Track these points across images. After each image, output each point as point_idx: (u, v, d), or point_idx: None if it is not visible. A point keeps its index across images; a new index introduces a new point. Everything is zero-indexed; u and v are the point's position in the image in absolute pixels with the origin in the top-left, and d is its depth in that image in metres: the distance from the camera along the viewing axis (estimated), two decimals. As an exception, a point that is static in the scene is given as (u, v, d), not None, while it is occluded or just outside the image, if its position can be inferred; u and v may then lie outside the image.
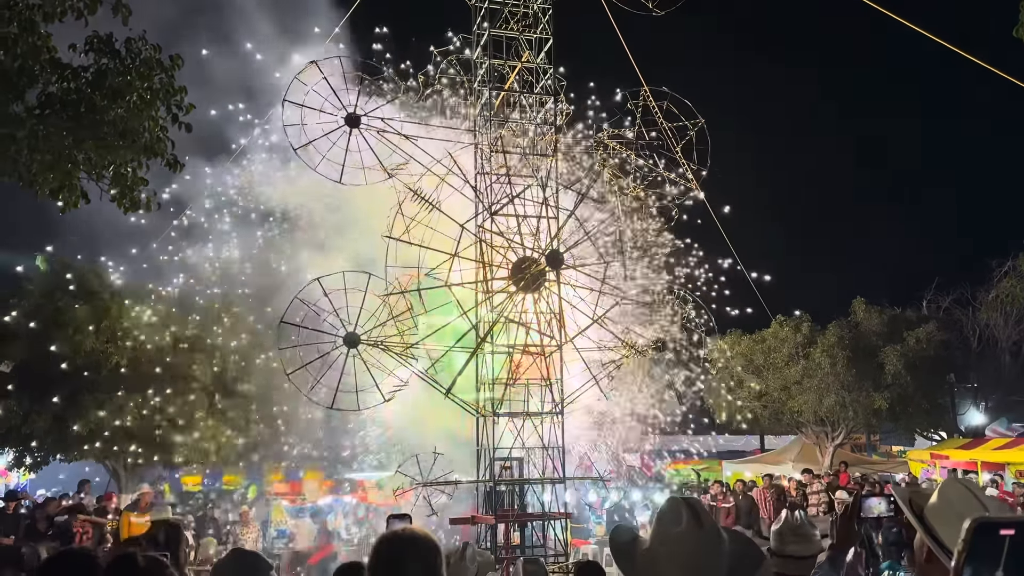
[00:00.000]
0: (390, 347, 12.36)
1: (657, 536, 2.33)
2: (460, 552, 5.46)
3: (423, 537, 2.50)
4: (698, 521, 2.29)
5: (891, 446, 29.07)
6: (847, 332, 23.46)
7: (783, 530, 3.76)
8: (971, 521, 1.00)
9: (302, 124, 12.07)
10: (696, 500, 2.48)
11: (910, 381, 22.37)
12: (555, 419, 12.77)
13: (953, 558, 1.02)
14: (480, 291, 12.59)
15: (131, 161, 5.28)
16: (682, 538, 2.26)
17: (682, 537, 2.26)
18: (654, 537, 2.35)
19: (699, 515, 2.32)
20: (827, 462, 23.06)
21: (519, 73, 14.12)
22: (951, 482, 2.76)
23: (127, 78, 5.04)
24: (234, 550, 3.91)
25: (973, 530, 0.99)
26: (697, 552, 2.25)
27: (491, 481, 12.41)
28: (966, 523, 1.06)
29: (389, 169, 12.28)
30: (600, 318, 12.74)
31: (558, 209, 12.91)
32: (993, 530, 0.99)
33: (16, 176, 5.10)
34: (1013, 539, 0.98)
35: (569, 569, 11.77)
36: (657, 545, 2.30)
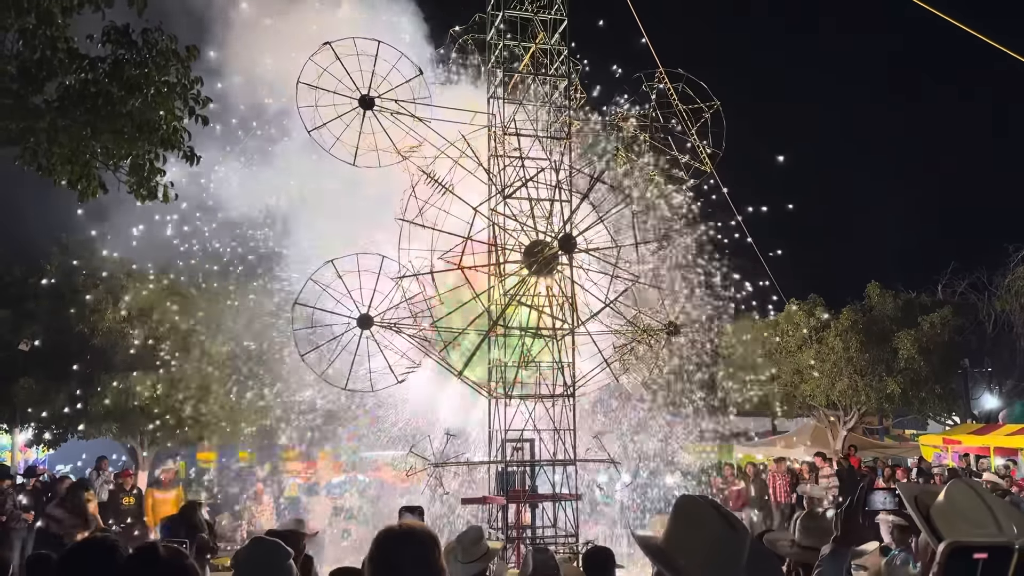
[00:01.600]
0: (403, 329, 12.45)
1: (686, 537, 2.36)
2: (464, 534, 5.56)
3: (420, 531, 2.56)
4: (730, 525, 2.33)
5: (904, 430, 29.05)
6: (861, 316, 23.38)
7: (804, 524, 3.81)
8: (945, 545, 1.03)
9: (316, 106, 12.08)
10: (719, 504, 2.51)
11: (924, 366, 22.31)
12: (566, 402, 12.85)
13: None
14: (493, 274, 12.63)
15: (148, 153, 5.35)
16: (716, 542, 2.29)
17: (716, 541, 2.30)
18: (683, 538, 2.37)
19: (729, 518, 2.36)
20: (839, 445, 23.09)
21: (533, 55, 14.05)
22: (958, 484, 2.77)
23: (144, 70, 5.09)
24: (254, 538, 3.99)
25: (948, 553, 1.03)
26: (733, 554, 2.30)
27: (502, 462, 12.52)
28: (941, 546, 1.09)
29: (402, 151, 12.29)
30: (612, 302, 12.77)
31: (571, 192, 12.90)
32: (967, 554, 1.03)
33: (36, 165, 5.18)
34: (986, 562, 1.02)
35: (578, 550, 11.90)
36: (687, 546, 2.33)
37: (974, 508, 2.59)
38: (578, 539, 12.48)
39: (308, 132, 12.35)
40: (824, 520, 3.81)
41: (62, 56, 4.94)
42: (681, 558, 2.31)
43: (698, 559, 2.28)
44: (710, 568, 2.25)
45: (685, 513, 2.42)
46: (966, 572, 0.98)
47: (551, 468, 12.80)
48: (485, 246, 12.52)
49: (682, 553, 2.31)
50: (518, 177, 12.65)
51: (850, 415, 23.81)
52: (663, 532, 2.46)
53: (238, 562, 3.69)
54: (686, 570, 2.26)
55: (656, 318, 13.93)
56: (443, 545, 3.51)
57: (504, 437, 12.52)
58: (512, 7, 13.74)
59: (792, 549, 3.72)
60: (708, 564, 2.27)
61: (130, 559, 2.65)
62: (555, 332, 12.55)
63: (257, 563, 3.68)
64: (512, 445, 12.57)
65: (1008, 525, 2.48)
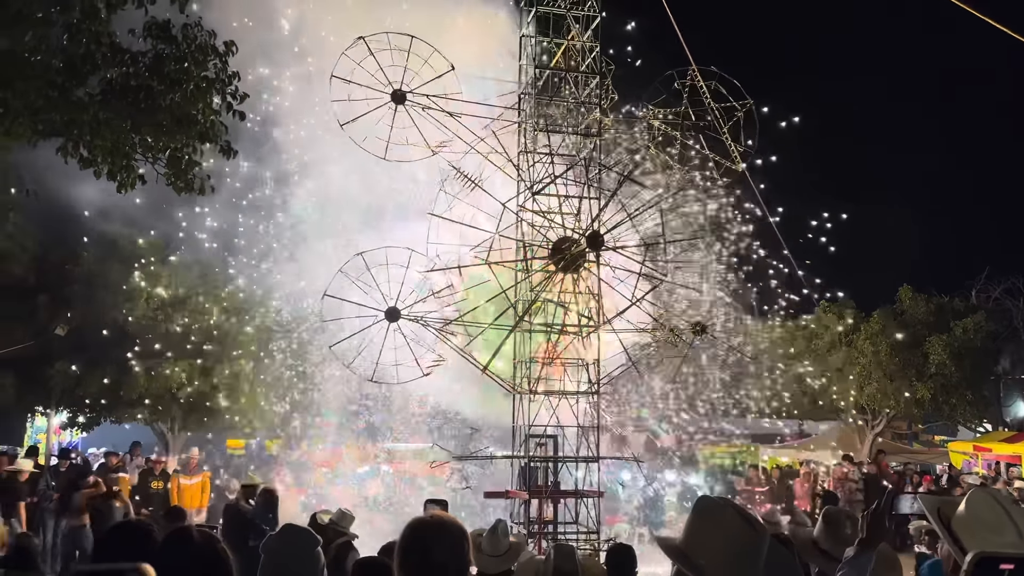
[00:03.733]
0: (429, 323, 12.54)
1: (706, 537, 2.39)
2: (493, 528, 5.62)
3: (450, 523, 2.61)
4: (750, 525, 2.36)
5: (933, 436, 28.64)
6: (892, 320, 23.08)
7: (828, 530, 3.80)
8: (973, 555, 1.06)
9: (349, 100, 12.19)
10: (738, 504, 2.53)
11: (955, 371, 21.97)
12: (590, 398, 12.87)
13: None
14: (520, 270, 12.67)
15: (186, 146, 5.47)
16: (736, 542, 2.32)
17: (736, 541, 2.32)
18: (702, 538, 2.40)
19: (748, 518, 2.39)
20: (866, 450, 22.84)
21: (566, 52, 14.03)
22: (978, 493, 2.77)
23: (183, 65, 5.21)
24: (285, 525, 4.08)
25: (975, 563, 1.06)
26: (753, 555, 2.32)
27: (525, 457, 12.57)
28: (968, 556, 1.11)
29: (433, 146, 12.37)
30: (639, 300, 12.75)
31: (600, 190, 12.89)
32: (994, 564, 1.06)
33: (78, 157, 5.33)
34: (1013, 573, 1.05)
35: (600, 546, 11.93)
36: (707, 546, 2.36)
37: (995, 517, 2.58)
38: (600, 535, 12.51)
39: (341, 126, 12.48)
40: (846, 524, 3.81)
41: (105, 51, 5.07)
42: (701, 558, 2.34)
43: (718, 559, 2.30)
44: (730, 568, 2.28)
45: (705, 514, 2.44)
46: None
47: (574, 464, 12.84)
48: (513, 242, 12.56)
49: (702, 553, 2.34)
50: (547, 173, 12.68)
51: (879, 419, 23.53)
52: (683, 532, 2.49)
53: (268, 548, 3.77)
54: (706, 570, 2.29)
55: (683, 317, 13.89)
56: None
57: (527, 433, 12.57)
58: (545, 3, 13.73)
59: (812, 550, 3.73)
60: (728, 564, 2.29)
61: (165, 542, 2.73)
62: (580, 329, 12.56)
63: (286, 550, 3.75)
64: (535, 441, 12.63)
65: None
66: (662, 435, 19.41)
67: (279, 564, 3.72)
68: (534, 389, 12.57)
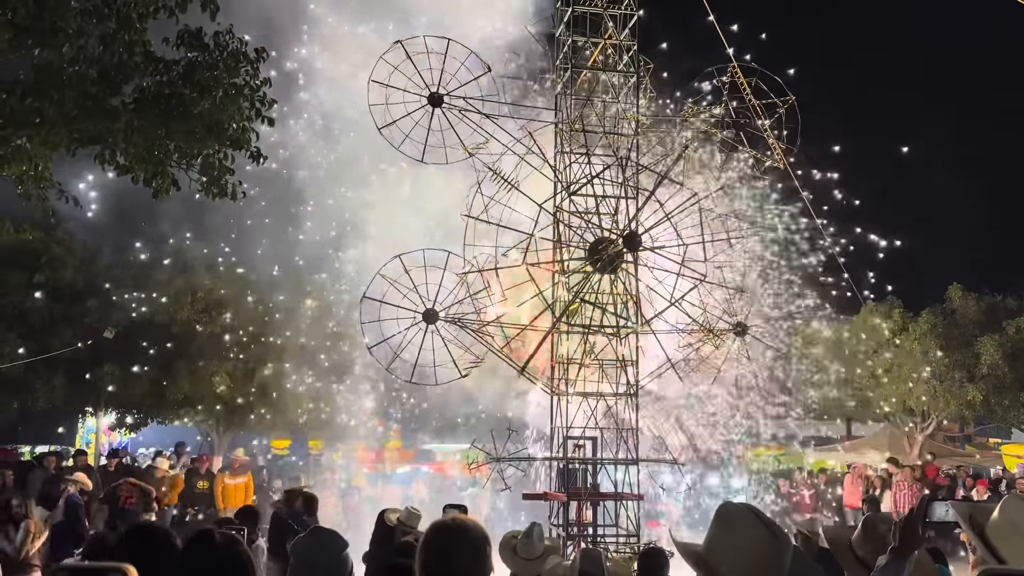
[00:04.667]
0: (467, 324, 12.56)
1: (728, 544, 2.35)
2: (528, 531, 5.60)
3: (473, 526, 2.60)
4: (772, 533, 2.31)
5: (987, 438, 27.82)
6: (941, 319, 22.49)
7: (864, 536, 3.71)
8: (980, 571, 1.01)
9: (387, 104, 12.27)
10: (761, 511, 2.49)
11: (1008, 372, 21.32)
12: (629, 400, 12.76)
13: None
14: (557, 271, 12.62)
15: (218, 152, 5.55)
16: (758, 550, 2.28)
17: (758, 549, 2.28)
18: (724, 545, 2.36)
19: (771, 526, 2.35)
20: (916, 453, 22.29)
21: (603, 51, 13.95)
22: (1014, 500, 2.68)
23: (214, 73, 5.30)
24: (314, 528, 4.11)
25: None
26: (774, 563, 2.28)
27: (564, 459, 12.52)
28: (975, 572, 1.06)
29: (470, 148, 12.39)
30: (677, 301, 12.61)
31: (637, 190, 12.78)
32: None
33: (114, 164, 5.45)
34: None
35: (639, 550, 11.81)
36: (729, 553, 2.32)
37: (1031, 525, 2.49)
38: (639, 539, 12.39)
39: (379, 129, 12.57)
40: (884, 531, 3.70)
41: (139, 59, 5.18)
42: (723, 566, 2.30)
43: (739, 567, 2.26)
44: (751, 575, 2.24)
45: (727, 521, 2.40)
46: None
47: (613, 467, 12.74)
48: (550, 243, 12.53)
49: (724, 560, 2.30)
50: (584, 174, 12.61)
51: (928, 421, 22.94)
52: (704, 539, 2.45)
53: (297, 551, 3.80)
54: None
55: (725, 317, 13.70)
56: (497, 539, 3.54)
57: (566, 434, 12.52)
58: (582, 3, 13.66)
59: (848, 555, 3.63)
60: (749, 573, 2.25)
61: (187, 544, 2.76)
62: (618, 330, 12.46)
63: (315, 552, 3.79)
64: (574, 442, 12.56)
65: None
66: (705, 437, 19.17)
67: (308, 565, 3.75)
68: (572, 390, 12.51)
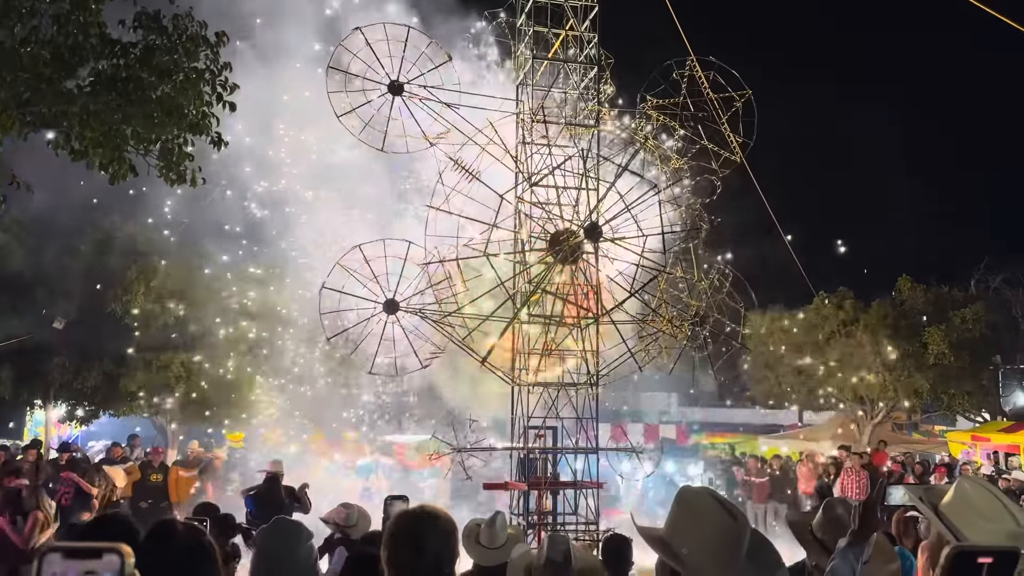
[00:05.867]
0: (428, 315, 12.53)
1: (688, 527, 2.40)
2: (491, 520, 5.61)
3: (442, 513, 2.62)
4: (731, 514, 2.37)
5: (933, 426, 28.69)
6: (891, 310, 23.08)
7: (824, 520, 3.80)
8: (950, 548, 1.05)
9: (345, 91, 12.14)
10: (719, 494, 2.55)
11: (954, 361, 21.99)
12: (590, 390, 12.86)
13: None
14: (518, 262, 12.65)
15: (177, 137, 5.43)
16: (718, 531, 2.34)
17: (717, 530, 2.34)
18: (685, 528, 2.41)
19: (729, 507, 2.41)
20: (865, 440, 22.88)
21: (564, 41, 13.96)
22: (966, 480, 2.79)
23: (174, 56, 5.17)
24: (277, 518, 4.06)
25: (952, 557, 1.04)
26: (733, 544, 2.34)
27: (524, 449, 12.58)
28: (945, 550, 1.11)
29: (431, 138, 12.33)
30: (637, 291, 12.74)
31: (598, 181, 12.86)
32: (971, 558, 1.04)
33: (68, 149, 5.29)
34: (991, 567, 1.03)
35: (599, 537, 11.93)
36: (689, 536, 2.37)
37: (989, 505, 2.59)
38: (599, 526, 12.52)
39: (337, 118, 12.44)
40: (843, 514, 3.80)
41: (94, 41, 5.03)
42: (684, 547, 2.35)
43: (700, 548, 2.32)
44: (711, 557, 2.30)
45: (687, 504, 2.47)
46: (970, 575, 1.00)
47: (573, 456, 12.84)
48: (511, 233, 12.54)
49: (684, 542, 2.36)
50: (545, 165, 12.63)
51: (878, 410, 23.56)
52: (665, 522, 2.51)
53: (258, 545, 3.75)
54: (688, 559, 2.30)
55: (682, 308, 13.88)
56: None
57: (526, 424, 12.58)
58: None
59: (809, 539, 3.72)
60: (710, 553, 2.31)
61: (148, 535, 2.72)
62: (579, 321, 12.55)
63: (279, 544, 3.74)
64: (534, 432, 12.63)
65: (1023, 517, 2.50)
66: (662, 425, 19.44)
67: (272, 557, 3.71)
68: (533, 381, 12.57)
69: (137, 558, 2.63)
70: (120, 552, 0.97)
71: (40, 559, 0.96)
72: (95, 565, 0.96)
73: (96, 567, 0.97)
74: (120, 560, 0.97)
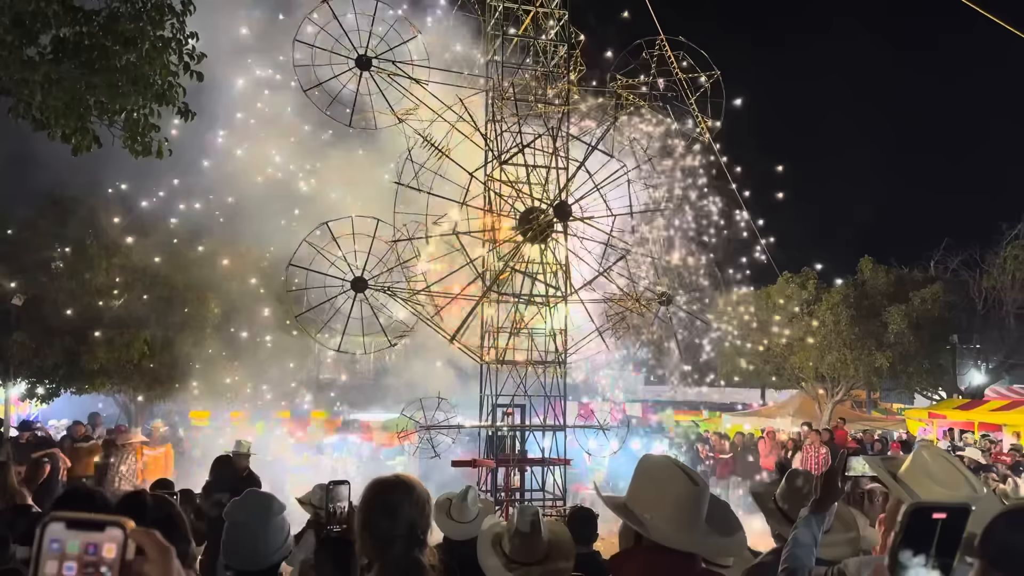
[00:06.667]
0: (396, 293, 12.48)
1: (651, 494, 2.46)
2: (462, 494, 5.66)
3: (417, 482, 2.64)
4: (692, 480, 2.44)
5: (891, 404, 29.38)
6: (853, 290, 23.51)
7: (788, 490, 3.90)
8: (907, 506, 1.10)
9: (312, 65, 11.97)
10: (680, 462, 2.62)
11: (913, 341, 22.50)
12: (557, 368, 12.95)
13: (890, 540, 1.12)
14: (487, 240, 12.65)
15: (143, 107, 5.31)
16: (679, 497, 2.40)
17: (679, 496, 2.40)
18: (647, 495, 2.48)
19: (690, 474, 2.48)
20: (826, 418, 23.36)
21: (534, 19, 13.89)
22: (924, 449, 2.90)
23: (139, 24, 5.04)
24: (248, 491, 4.04)
25: (909, 514, 1.09)
26: (694, 508, 2.41)
27: (493, 427, 12.65)
28: (902, 508, 1.16)
29: (399, 114, 12.22)
30: (606, 270, 12.83)
31: (567, 160, 12.87)
32: (927, 514, 1.10)
33: (30, 118, 5.15)
34: (945, 522, 1.08)
35: (566, 513, 12.07)
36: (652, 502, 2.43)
37: (946, 472, 2.70)
38: (566, 502, 12.67)
39: (304, 92, 12.27)
40: (805, 485, 3.90)
41: (56, 7, 4.89)
42: (646, 512, 2.41)
43: (663, 513, 2.38)
44: (673, 521, 2.36)
45: (648, 471, 2.53)
46: (926, 531, 1.05)
47: (541, 433, 12.95)
48: (480, 211, 12.52)
49: (646, 508, 2.42)
50: (515, 143, 12.61)
51: (838, 388, 24.05)
52: (627, 490, 2.57)
53: (230, 514, 3.74)
54: (651, 524, 2.36)
55: (650, 287, 14.01)
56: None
57: (495, 402, 12.64)
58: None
59: (773, 510, 3.82)
60: (672, 518, 2.37)
61: (119, 508, 2.71)
62: (548, 299, 12.60)
63: (250, 516, 3.72)
64: (503, 410, 12.70)
65: (979, 485, 2.61)
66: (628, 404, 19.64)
67: (243, 528, 3.69)
68: (501, 359, 12.62)
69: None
70: (123, 525, 0.97)
71: (43, 528, 0.96)
72: (98, 537, 0.97)
73: (99, 539, 0.97)
74: (123, 533, 0.97)
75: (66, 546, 0.96)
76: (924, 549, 1.08)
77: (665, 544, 2.35)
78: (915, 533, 1.09)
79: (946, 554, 1.08)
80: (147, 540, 1.00)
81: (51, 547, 0.96)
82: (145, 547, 0.99)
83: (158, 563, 0.99)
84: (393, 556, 2.42)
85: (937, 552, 1.08)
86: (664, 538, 2.36)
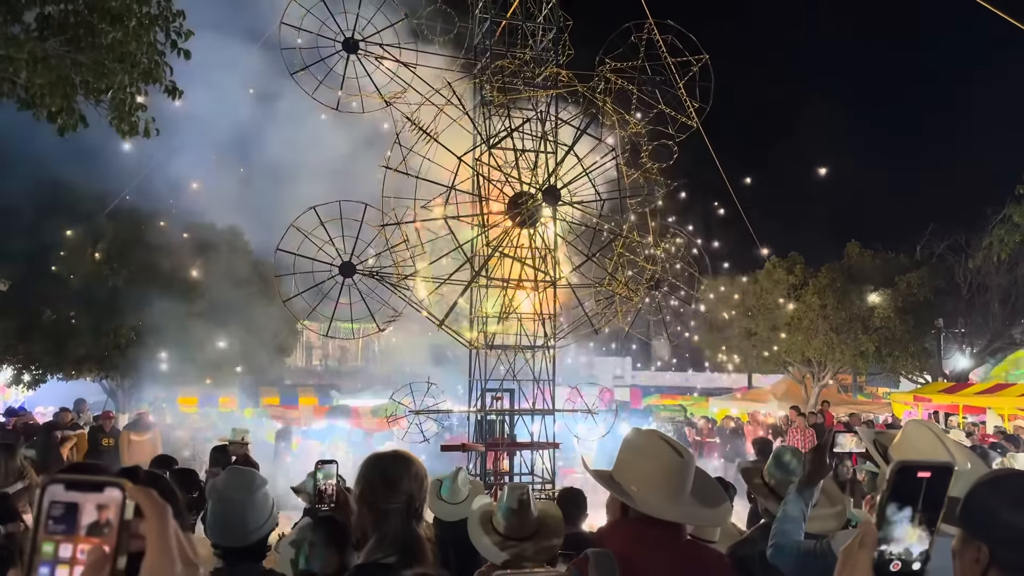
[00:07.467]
0: (385, 277, 12.46)
1: (638, 466, 2.50)
2: (453, 476, 5.70)
3: (416, 459, 2.65)
4: (677, 452, 2.48)
5: (877, 387, 29.64)
6: (839, 275, 23.67)
7: (775, 467, 3.94)
8: (893, 464, 1.12)
9: (299, 48, 11.88)
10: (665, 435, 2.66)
11: (899, 325, 22.70)
12: (546, 353, 12.98)
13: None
14: (476, 224, 12.63)
15: (129, 86, 5.25)
16: (666, 469, 2.43)
17: (665, 468, 2.43)
18: (634, 467, 2.51)
19: (676, 446, 2.52)
20: (812, 401, 23.54)
21: (523, 2, 13.82)
22: (911, 423, 2.95)
23: (125, 1, 4.98)
24: (230, 467, 4.04)
25: (895, 472, 1.12)
26: (680, 479, 2.44)
27: (482, 411, 12.69)
28: (889, 466, 1.19)
29: (387, 97, 12.16)
30: (595, 255, 12.84)
31: (556, 144, 12.85)
32: (912, 472, 1.12)
33: (15, 97, 5.08)
34: (929, 480, 1.11)
35: (555, 496, 12.15)
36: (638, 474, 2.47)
37: (929, 444, 2.75)
38: (555, 485, 12.74)
39: (291, 75, 12.18)
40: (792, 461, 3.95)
41: (42, -16, 4.82)
42: (633, 484, 2.44)
43: (649, 485, 2.41)
44: (659, 492, 2.39)
45: (634, 444, 2.57)
46: (911, 489, 1.07)
47: (530, 417, 13.00)
48: (469, 196, 12.49)
49: (634, 480, 2.45)
50: (504, 127, 12.57)
51: (825, 371, 24.24)
52: (614, 463, 2.61)
53: (214, 490, 3.74)
54: (638, 495, 2.39)
55: (638, 272, 14.03)
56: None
57: (484, 387, 12.67)
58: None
59: (760, 487, 3.86)
60: (659, 489, 2.41)
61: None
62: (537, 284, 12.61)
63: (234, 491, 3.72)
64: (492, 395, 12.73)
65: (961, 458, 2.66)
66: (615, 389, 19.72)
67: (228, 503, 3.69)
68: (490, 344, 12.64)
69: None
70: (122, 486, 0.98)
71: (43, 488, 0.97)
72: (97, 498, 0.98)
73: (99, 500, 0.98)
74: (122, 494, 0.98)
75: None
76: (910, 506, 1.11)
77: (651, 514, 2.38)
78: (901, 491, 1.11)
79: (931, 510, 1.11)
80: (144, 498, 1.00)
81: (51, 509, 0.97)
82: (142, 505, 1.00)
83: (155, 520, 1.00)
84: (391, 527, 2.43)
85: (922, 508, 1.11)
86: (650, 509, 2.39)
